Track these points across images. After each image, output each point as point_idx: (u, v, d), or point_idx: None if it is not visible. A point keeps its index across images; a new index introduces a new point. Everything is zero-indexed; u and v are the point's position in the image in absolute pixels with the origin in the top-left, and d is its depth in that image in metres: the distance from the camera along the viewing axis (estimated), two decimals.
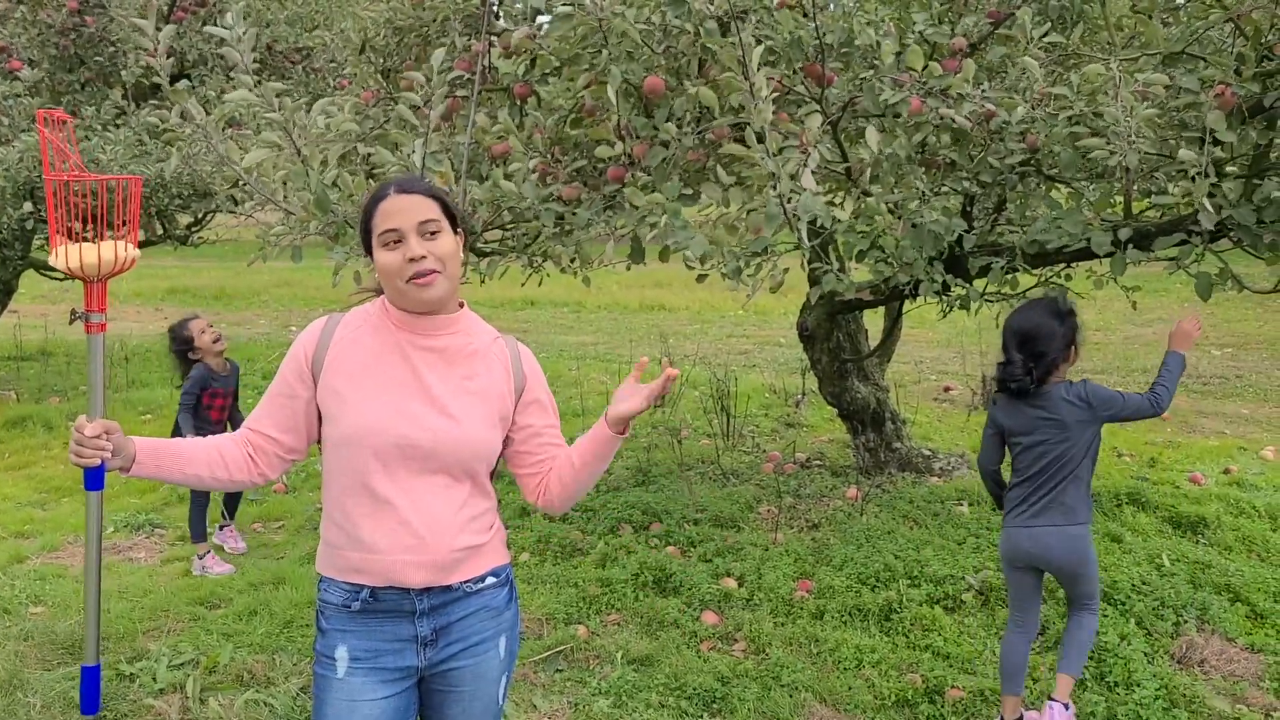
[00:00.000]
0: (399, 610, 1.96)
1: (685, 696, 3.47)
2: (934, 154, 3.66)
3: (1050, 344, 3.12)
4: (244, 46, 2.94)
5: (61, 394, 8.58)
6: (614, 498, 5.43)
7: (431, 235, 1.92)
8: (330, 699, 1.97)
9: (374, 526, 1.93)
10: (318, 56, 7.83)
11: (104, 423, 1.90)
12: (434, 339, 1.98)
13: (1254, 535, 4.78)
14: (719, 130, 3.22)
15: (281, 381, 2.02)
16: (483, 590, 2.02)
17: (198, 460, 1.98)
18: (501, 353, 2.05)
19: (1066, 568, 3.18)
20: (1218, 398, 8.08)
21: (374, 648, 1.97)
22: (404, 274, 1.90)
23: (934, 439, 6.66)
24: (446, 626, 1.99)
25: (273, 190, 3.26)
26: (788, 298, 3.87)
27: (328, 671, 1.98)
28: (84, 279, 2.05)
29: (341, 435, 1.94)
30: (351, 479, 1.94)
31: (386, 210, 1.91)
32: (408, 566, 1.92)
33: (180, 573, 4.75)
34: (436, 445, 1.92)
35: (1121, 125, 3.04)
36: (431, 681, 2.04)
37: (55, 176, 2.08)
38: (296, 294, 16.28)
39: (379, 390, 1.94)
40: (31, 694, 3.49)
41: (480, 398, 1.98)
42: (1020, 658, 3.27)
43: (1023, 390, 3.17)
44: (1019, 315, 3.21)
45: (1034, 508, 3.17)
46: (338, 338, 2.00)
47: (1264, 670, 3.65)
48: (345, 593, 1.97)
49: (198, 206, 8.07)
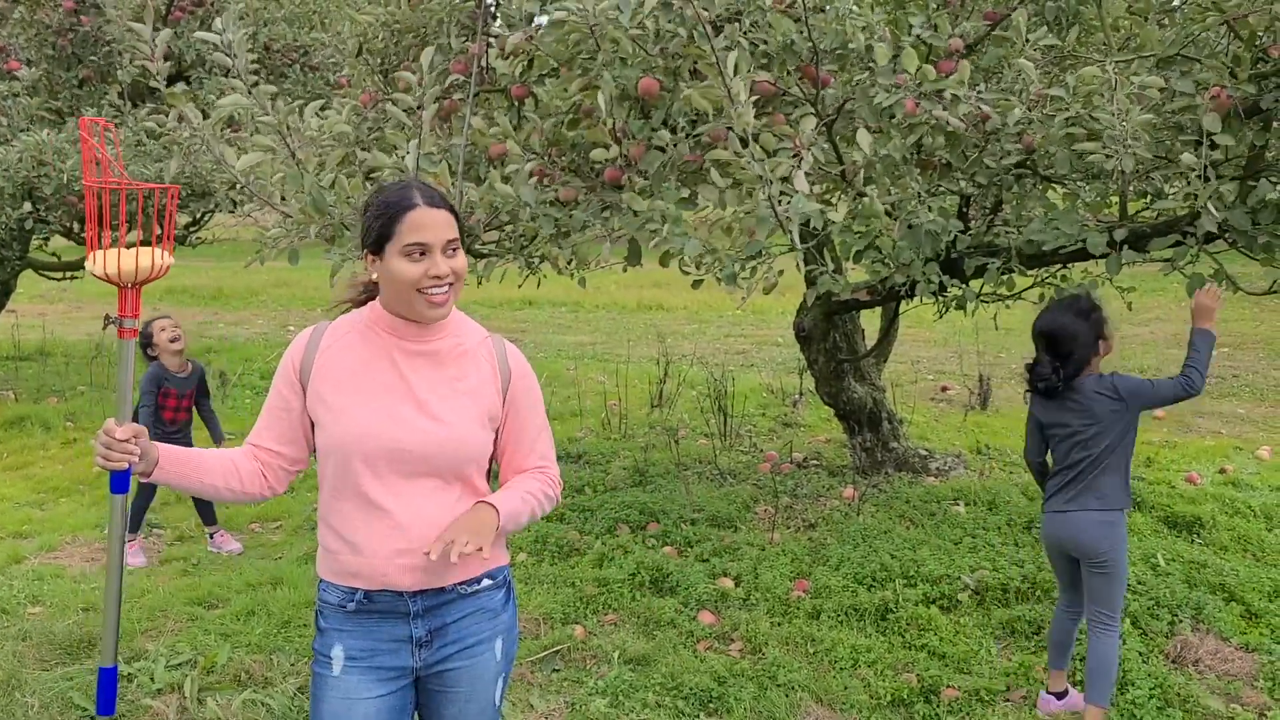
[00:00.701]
0: (394, 612, 1.98)
1: (682, 696, 3.49)
2: (929, 155, 3.67)
3: (1075, 343, 3.22)
4: (238, 50, 2.95)
5: (60, 394, 8.58)
6: (611, 498, 5.44)
7: (453, 253, 1.95)
8: (327, 697, 1.99)
9: (367, 531, 1.95)
10: (316, 55, 7.84)
11: (133, 426, 1.92)
12: (424, 343, 2.00)
13: (1249, 535, 4.79)
14: (715, 132, 3.23)
15: (276, 394, 2.05)
16: (478, 593, 2.04)
17: (215, 471, 2.01)
18: (489, 352, 2.06)
19: (1095, 554, 3.21)
20: (1214, 397, 8.10)
21: (370, 647, 1.99)
22: (421, 285, 1.92)
23: (931, 439, 6.68)
24: (442, 628, 2.00)
25: (269, 193, 3.27)
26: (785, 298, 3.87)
27: (324, 670, 2.01)
28: (119, 285, 2.06)
29: (331, 442, 1.96)
30: (343, 484, 1.97)
31: (416, 222, 1.91)
32: (400, 570, 1.94)
33: (178, 573, 4.75)
34: (425, 448, 1.94)
35: (1117, 129, 3.05)
36: (428, 682, 2.06)
37: (96, 183, 2.09)
38: (294, 294, 16.27)
39: (367, 397, 1.96)
40: (29, 694, 3.50)
41: (470, 398, 2.00)
42: (1066, 635, 3.41)
43: (1050, 390, 3.27)
44: (1045, 317, 3.31)
45: (1069, 494, 3.27)
46: (324, 346, 2.02)
47: (1258, 670, 3.67)
48: (341, 594, 2.00)
49: (196, 206, 8.07)
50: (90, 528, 5.37)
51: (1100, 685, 3.22)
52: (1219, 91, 3.21)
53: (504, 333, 12.71)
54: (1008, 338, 9.19)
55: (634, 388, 8.19)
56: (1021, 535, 4.83)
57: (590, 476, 5.91)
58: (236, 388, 8.57)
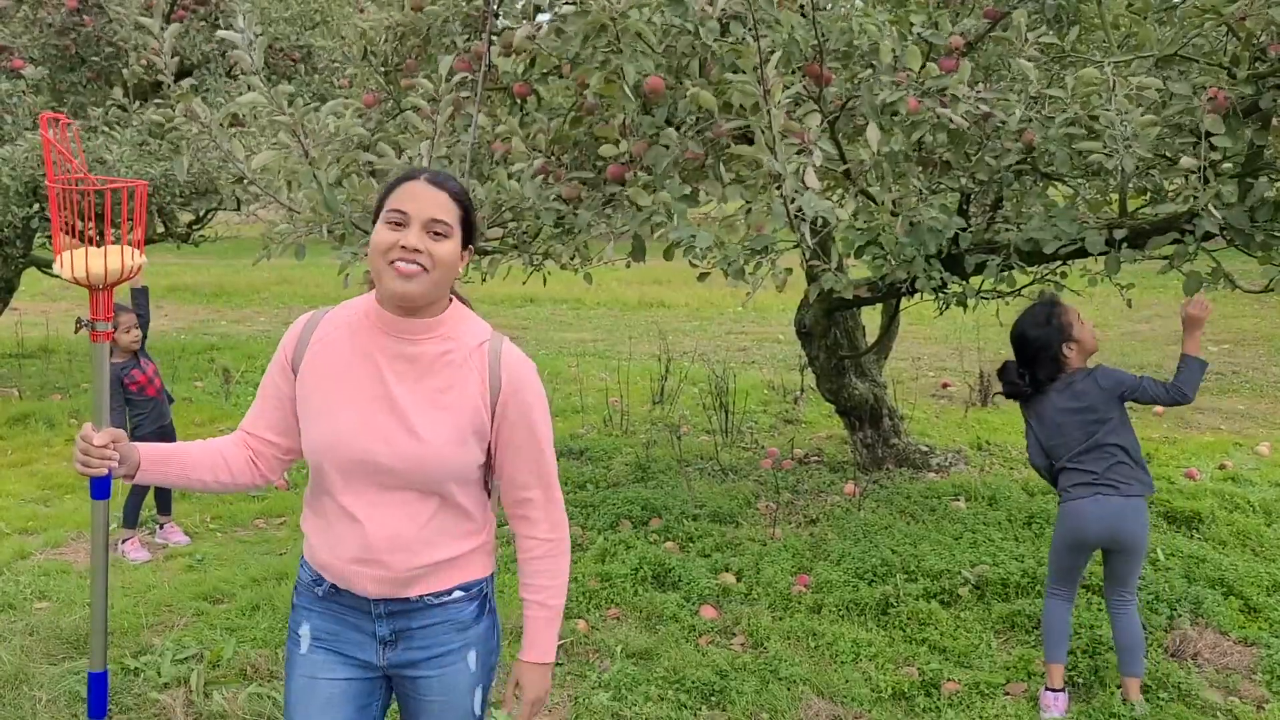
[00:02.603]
0: (359, 608, 1.96)
1: (684, 690, 3.51)
2: (930, 152, 3.70)
3: (1038, 349, 3.38)
4: (255, 50, 2.98)
5: (63, 391, 8.61)
6: (614, 494, 5.47)
7: (437, 236, 1.82)
8: (294, 674, 2.00)
9: (336, 535, 1.92)
10: (320, 56, 7.86)
11: (112, 431, 1.89)
12: (411, 345, 1.89)
13: (1248, 530, 4.82)
14: (719, 129, 3.26)
15: (270, 383, 1.99)
16: (446, 603, 1.96)
17: (201, 465, 1.97)
18: (481, 360, 1.90)
19: (1129, 540, 3.30)
20: (1214, 394, 8.12)
21: (335, 630, 1.98)
22: (389, 255, 1.81)
23: (931, 435, 6.70)
24: (407, 631, 1.96)
25: (277, 189, 3.30)
26: (786, 295, 3.90)
27: (294, 647, 2.01)
28: (89, 287, 2.01)
29: (308, 445, 1.92)
30: (319, 484, 1.94)
31: (406, 192, 1.84)
32: (363, 578, 1.91)
33: (183, 568, 4.78)
34: (397, 463, 1.86)
35: (1117, 128, 3.07)
36: (402, 687, 2.02)
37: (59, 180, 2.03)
38: (297, 291, 16.29)
39: (344, 402, 1.89)
40: (37, 688, 3.53)
41: (452, 412, 1.87)
42: (1066, 625, 3.45)
43: (1016, 395, 3.45)
44: (1015, 325, 3.47)
45: (1086, 481, 3.33)
46: (317, 337, 1.95)
47: (1257, 663, 3.70)
48: (313, 577, 1.99)
49: (199, 204, 8.09)
50: None
51: (1136, 658, 3.38)
52: (1216, 92, 3.23)
53: (505, 330, 12.69)
54: (1008, 335, 9.20)
55: (635, 385, 8.21)
56: (1021, 530, 4.85)
57: (592, 473, 5.93)
58: (239, 385, 8.59)
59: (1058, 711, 3.37)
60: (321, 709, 1.97)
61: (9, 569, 4.72)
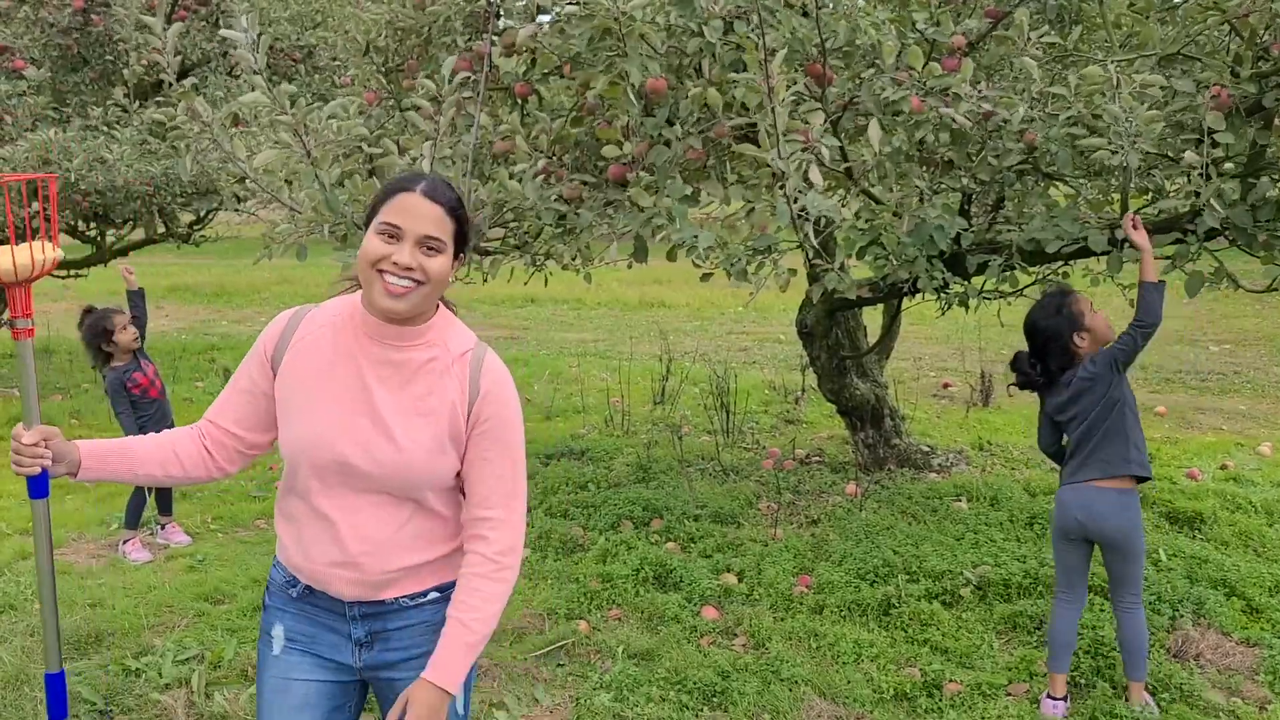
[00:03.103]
0: (333, 610, 1.95)
1: (686, 690, 3.51)
2: (932, 152, 3.69)
3: (1049, 339, 3.38)
4: (258, 49, 2.97)
5: (64, 391, 8.61)
6: (615, 494, 5.46)
7: (429, 251, 1.81)
8: (266, 676, 1.98)
9: (311, 537, 1.91)
10: (320, 55, 7.85)
11: (43, 429, 1.87)
12: (396, 351, 1.88)
13: (1250, 530, 4.82)
14: (720, 129, 3.25)
15: (244, 375, 1.96)
16: (422, 605, 1.95)
17: (149, 460, 1.94)
18: (464, 368, 1.90)
19: (1110, 531, 3.28)
20: (1215, 394, 8.12)
21: (310, 632, 1.97)
22: (379, 267, 1.80)
23: (933, 435, 6.70)
24: (383, 633, 1.95)
25: (278, 189, 3.29)
26: (787, 295, 3.89)
27: (266, 648, 2.00)
28: (4, 284, 1.98)
29: (285, 446, 1.90)
30: (294, 484, 1.93)
31: (401, 204, 1.81)
32: (339, 580, 1.90)
33: (184, 569, 4.78)
34: (373, 469, 1.85)
35: (1122, 124, 3.07)
36: (380, 688, 2.01)
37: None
38: (297, 291, 16.28)
39: (324, 405, 1.87)
40: (38, 689, 3.53)
41: (431, 419, 1.86)
42: (1071, 634, 3.43)
43: (1028, 385, 3.46)
44: (1027, 315, 3.47)
45: (1073, 465, 3.37)
46: (299, 336, 1.92)
47: (1259, 664, 3.69)
48: (287, 579, 1.98)
49: (199, 204, 8.09)
50: (95, 524, 5.40)
51: (1140, 662, 3.38)
52: (1220, 90, 3.22)
53: (506, 330, 12.65)
54: (1009, 334, 9.16)
55: (636, 385, 8.21)
56: (1023, 531, 4.85)
57: (594, 473, 5.93)
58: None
59: (1058, 714, 3.36)
60: (296, 710, 1.96)
61: (9, 569, 4.72)
